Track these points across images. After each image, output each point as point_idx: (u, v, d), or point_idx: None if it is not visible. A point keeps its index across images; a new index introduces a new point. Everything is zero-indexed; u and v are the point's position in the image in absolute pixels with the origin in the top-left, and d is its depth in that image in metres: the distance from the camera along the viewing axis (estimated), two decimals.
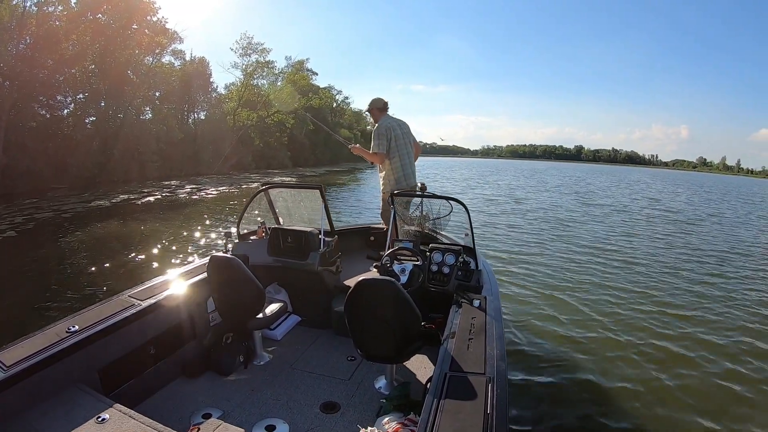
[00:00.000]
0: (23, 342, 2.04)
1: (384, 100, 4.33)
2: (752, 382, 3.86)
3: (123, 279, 5.84)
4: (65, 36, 17.78)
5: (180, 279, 2.93)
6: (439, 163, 73.64)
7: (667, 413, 3.38)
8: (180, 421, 2.28)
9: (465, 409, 1.57)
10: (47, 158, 16.28)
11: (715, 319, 5.29)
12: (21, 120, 15.99)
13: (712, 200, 24.55)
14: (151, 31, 22.31)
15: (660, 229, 12.51)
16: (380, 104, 4.30)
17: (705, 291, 6.39)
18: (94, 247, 8.09)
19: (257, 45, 32.15)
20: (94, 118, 20.03)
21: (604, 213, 15.48)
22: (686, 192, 31.07)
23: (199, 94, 29.60)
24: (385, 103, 4.33)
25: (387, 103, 4.33)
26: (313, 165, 40.12)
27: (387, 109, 4.33)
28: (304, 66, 42.88)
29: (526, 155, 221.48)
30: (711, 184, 49.57)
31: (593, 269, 7.34)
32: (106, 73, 19.65)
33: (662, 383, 3.80)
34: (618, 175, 60.63)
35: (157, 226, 9.96)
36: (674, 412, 3.40)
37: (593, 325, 4.95)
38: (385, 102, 4.33)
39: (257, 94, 33.41)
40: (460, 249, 3.07)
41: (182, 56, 27.57)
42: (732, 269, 7.87)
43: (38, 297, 5.30)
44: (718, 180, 75.25)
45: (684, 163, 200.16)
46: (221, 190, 18.02)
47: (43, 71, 17.07)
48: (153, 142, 21.76)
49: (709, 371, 4.03)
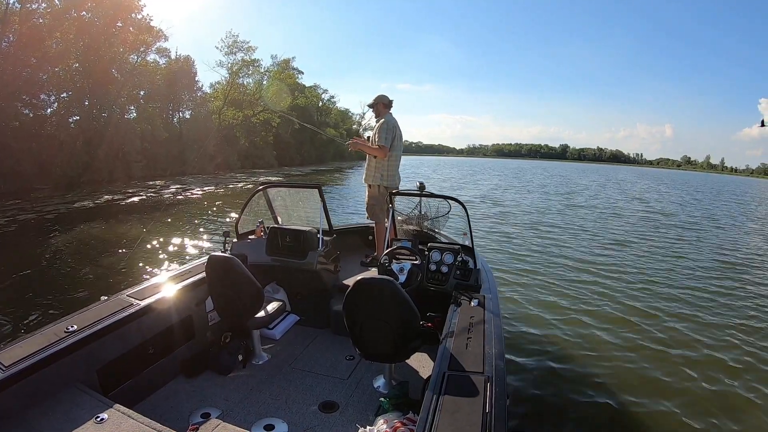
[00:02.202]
0: (22, 342, 2.04)
1: (390, 98, 4.35)
2: (754, 386, 3.85)
3: (103, 283, 5.82)
4: (49, 34, 17.59)
5: (178, 279, 2.92)
6: (423, 162, 72.65)
7: (667, 412, 3.39)
8: (179, 421, 2.27)
9: (464, 408, 1.57)
10: (31, 158, 16.06)
11: (714, 321, 5.32)
12: (4, 119, 15.79)
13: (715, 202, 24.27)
14: (135, 29, 22.07)
15: (659, 227, 12.77)
16: (387, 100, 4.33)
17: (705, 292, 6.44)
18: (75, 249, 7.95)
19: (243, 43, 32.19)
20: (77, 118, 19.77)
21: (605, 213, 15.66)
22: (677, 192, 31.41)
23: (184, 92, 29.37)
24: (391, 100, 4.36)
25: (392, 101, 4.37)
26: (299, 164, 40.17)
27: (391, 106, 4.38)
28: (290, 65, 42.78)
29: (511, 154, 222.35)
30: (698, 183, 50.21)
31: (593, 269, 7.41)
32: (90, 71, 19.46)
33: (662, 383, 3.82)
34: (605, 174, 61.11)
35: (140, 227, 9.77)
36: (674, 411, 3.40)
37: (593, 325, 4.96)
38: (391, 100, 4.36)
39: (243, 92, 33.30)
40: (459, 248, 3.07)
41: (167, 54, 27.38)
42: (728, 271, 8.00)
43: (15, 303, 5.09)
44: (704, 179, 75.95)
45: (669, 162, 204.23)
46: (207, 190, 18.01)
47: (27, 69, 16.88)
48: (138, 141, 21.57)
49: (710, 372, 4.03)
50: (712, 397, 3.66)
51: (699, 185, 45.18)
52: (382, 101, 4.32)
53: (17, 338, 2.13)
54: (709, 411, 3.44)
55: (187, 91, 29.62)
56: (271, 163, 35.60)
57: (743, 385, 3.86)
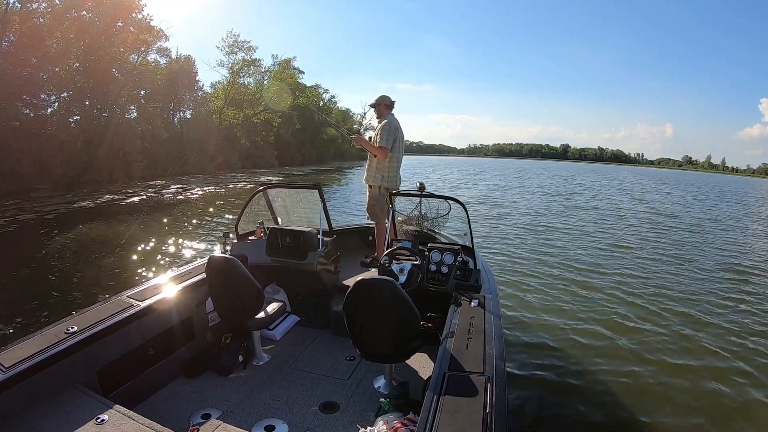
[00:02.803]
0: (22, 343, 2.04)
1: (392, 98, 4.32)
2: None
3: (102, 283, 5.80)
4: (49, 33, 17.55)
5: (179, 279, 2.92)
6: (423, 162, 71.96)
7: (668, 413, 3.39)
8: (179, 422, 2.27)
9: (464, 408, 1.57)
10: (31, 158, 16.03)
11: (717, 322, 5.28)
12: (4, 119, 15.77)
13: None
14: (136, 29, 22.05)
15: (661, 228, 12.73)
16: (389, 101, 4.30)
17: (713, 296, 6.34)
18: (73, 250, 7.92)
19: (243, 43, 32.22)
20: (78, 117, 19.77)
21: (608, 213, 15.54)
22: (680, 192, 31.06)
23: (185, 92, 29.26)
24: (393, 101, 4.32)
25: (394, 102, 4.33)
26: (299, 164, 40.14)
27: (393, 107, 4.35)
28: (290, 64, 42.71)
29: (512, 154, 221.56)
30: (701, 183, 49.82)
31: (594, 270, 7.40)
32: (91, 71, 19.43)
33: (663, 383, 3.81)
34: (607, 173, 60.80)
35: (139, 228, 9.74)
36: (675, 411, 3.42)
37: (593, 325, 4.95)
38: (393, 101, 4.32)
39: (244, 92, 33.27)
40: (459, 248, 3.08)
41: (168, 54, 27.34)
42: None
43: (13, 304, 5.04)
44: (706, 178, 75.39)
45: (669, 162, 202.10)
46: (207, 190, 17.99)
47: (27, 69, 16.83)
48: (138, 141, 21.54)
49: (711, 373, 4.01)
50: (713, 397, 3.65)
51: (701, 185, 44.83)
52: (384, 102, 4.30)
53: (17, 339, 2.13)
54: (710, 412, 3.43)
55: (187, 90, 29.54)
56: (272, 162, 35.56)
57: (746, 388, 3.80)
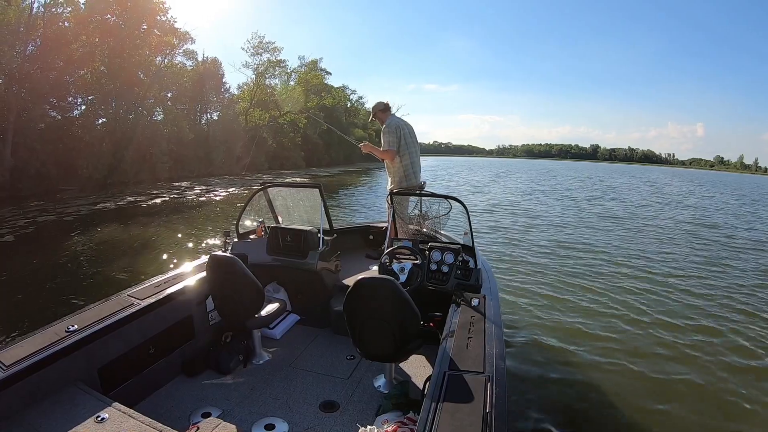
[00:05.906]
0: (23, 342, 2.03)
1: (384, 101, 4.34)
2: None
3: (112, 285, 5.46)
4: (74, 37, 17.67)
5: (179, 278, 2.92)
6: (448, 163, 70.29)
7: (668, 413, 3.36)
8: (179, 420, 2.28)
9: (464, 408, 1.55)
10: (57, 160, 16.15)
11: (718, 324, 5.10)
12: (31, 122, 15.87)
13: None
14: (161, 31, 22.11)
15: (658, 224, 12.40)
16: (381, 106, 4.32)
17: (706, 296, 6.12)
18: (89, 252, 7.81)
19: (268, 44, 31.85)
20: (104, 120, 19.93)
21: (605, 214, 14.72)
22: (719, 196, 27.10)
23: (211, 94, 29.53)
24: (386, 104, 4.34)
25: (387, 103, 4.35)
26: (327, 165, 39.76)
27: (389, 108, 4.35)
28: (317, 65, 42.46)
29: (542, 155, 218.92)
30: (737, 185, 45.68)
31: (594, 270, 7.24)
32: (116, 74, 19.49)
33: (663, 383, 3.77)
34: (637, 174, 57.88)
35: (157, 229, 9.73)
36: (675, 411, 3.38)
37: (594, 325, 4.94)
38: (386, 103, 4.33)
39: (270, 93, 33.14)
40: (459, 248, 3.06)
41: (194, 56, 27.50)
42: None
43: (22, 307, 5.11)
44: (740, 179, 70.84)
45: (701, 162, 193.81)
46: (230, 192, 17.67)
47: (53, 72, 16.96)
48: (164, 143, 21.57)
49: (712, 374, 3.95)
50: (714, 399, 3.59)
51: (739, 187, 40.66)
52: (377, 109, 4.33)
53: (18, 338, 2.11)
54: (712, 413, 3.40)
55: (214, 92, 29.76)
56: (299, 163, 35.38)
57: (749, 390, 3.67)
